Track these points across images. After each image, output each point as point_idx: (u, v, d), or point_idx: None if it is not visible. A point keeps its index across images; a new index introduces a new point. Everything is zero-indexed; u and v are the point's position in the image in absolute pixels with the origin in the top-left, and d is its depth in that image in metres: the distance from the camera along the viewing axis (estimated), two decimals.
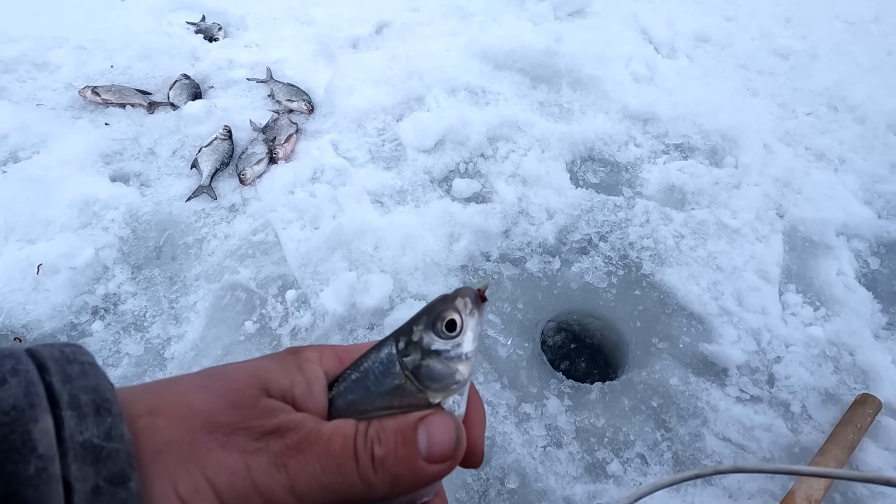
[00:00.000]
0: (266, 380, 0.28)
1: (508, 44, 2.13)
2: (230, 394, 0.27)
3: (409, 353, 0.29)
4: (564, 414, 1.25)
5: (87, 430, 0.23)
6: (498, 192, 1.71)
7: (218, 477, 0.25)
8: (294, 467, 0.26)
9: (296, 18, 2.43)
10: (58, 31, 2.14)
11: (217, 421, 0.26)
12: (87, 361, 0.26)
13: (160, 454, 0.25)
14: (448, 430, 0.28)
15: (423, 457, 0.27)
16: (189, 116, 1.82)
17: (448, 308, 0.30)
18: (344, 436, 0.27)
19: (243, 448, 0.26)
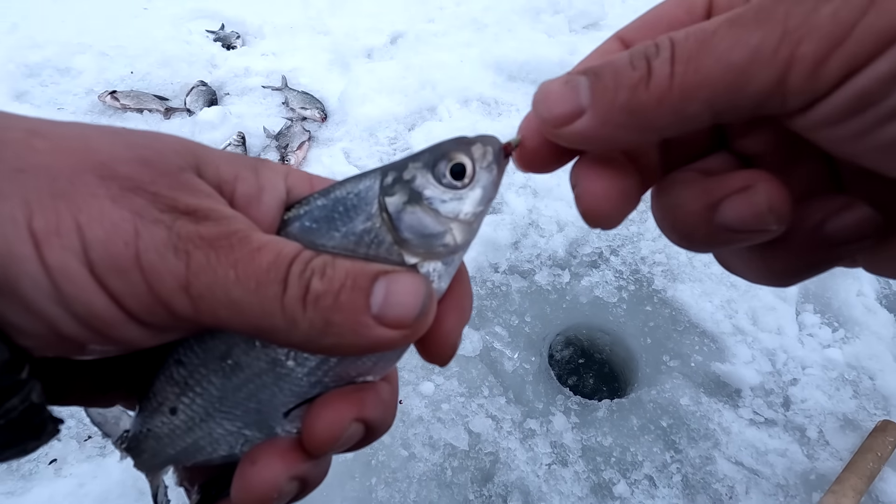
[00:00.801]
0: (200, 157, 0.21)
1: (522, 55, 2.13)
2: (145, 149, 0.20)
3: (394, 192, 0.22)
4: (571, 431, 1.22)
5: None
6: (508, 203, 1.69)
7: (92, 227, 0.18)
8: (198, 260, 0.19)
9: (312, 28, 2.47)
10: (82, 37, 2.19)
11: (116, 170, 0.19)
12: None
13: (22, 173, 0.18)
14: (414, 293, 0.21)
15: (373, 313, 0.20)
16: (204, 122, 1.85)
17: (460, 150, 0.23)
18: (278, 252, 0.20)
19: (140, 211, 0.19)
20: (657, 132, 0.20)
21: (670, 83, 0.19)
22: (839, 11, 0.16)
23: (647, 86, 0.19)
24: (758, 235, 0.22)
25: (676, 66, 0.19)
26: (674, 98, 0.19)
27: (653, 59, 0.19)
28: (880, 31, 0.16)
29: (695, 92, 0.18)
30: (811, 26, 0.17)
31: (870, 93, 0.17)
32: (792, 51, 0.17)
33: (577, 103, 0.21)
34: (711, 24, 0.19)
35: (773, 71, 0.17)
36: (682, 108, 0.19)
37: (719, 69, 0.18)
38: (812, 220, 0.22)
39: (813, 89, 0.17)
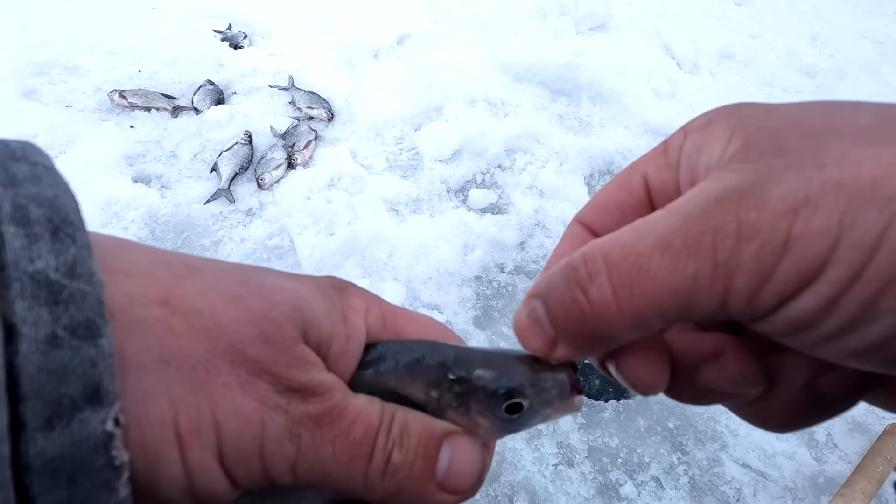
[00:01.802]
0: (308, 319, 0.22)
1: (529, 56, 2.13)
2: (265, 323, 0.21)
3: (452, 391, 0.24)
4: (577, 432, 1.21)
5: (39, 259, 0.16)
6: (514, 203, 1.69)
7: (228, 423, 0.19)
8: (306, 442, 0.21)
9: (319, 28, 2.48)
10: (91, 36, 2.20)
11: (243, 351, 0.20)
12: (41, 163, 0.18)
13: (167, 366, 0.19)
14: (473, 461, 0.23)
15: (438, 480, 0.22)
16: (211, 121, 1.85)
17: (523, 387, 0.24)
18: (367, 424, 0.22)
19: (264, 399, 0.20)
20: (625, 341, 0.22)
21: (617, 307, 0.20)
22: (759, 252, 0.18)
23: (593, 312, 0.20)
24: (740, 397, 0.23)
25: (618, 291, 0.20)
26: (626, 317, 0.20)
27: (588, 286, 0.20)
28: (798, 274, 0.17)
29: (645, 310, 0.20)
30: (738, 263, 0.18)
31: (802, 321, 0.18)
32: (726, 283, 0.18)
33: (547, 335, 0.22)
34: (644, 243, 0.20)
35: (714, 297, 0.19)
36: (638, 324, 0.20)
37: (664, 293, 0.19)
38: (803, 377, 0.22)
39: (753, 314, 0.19)
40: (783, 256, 0.17)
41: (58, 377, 0.16)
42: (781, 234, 0.17)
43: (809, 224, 0.17)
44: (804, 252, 0.17)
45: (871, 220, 0.16)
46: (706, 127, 0.22)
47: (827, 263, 0.17)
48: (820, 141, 0.18)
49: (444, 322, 1.42)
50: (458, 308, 1.42)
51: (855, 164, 0.17)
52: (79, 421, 0.16)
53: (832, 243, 0.17)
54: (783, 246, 0.17)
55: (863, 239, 0.16)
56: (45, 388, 0.16)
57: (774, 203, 0.18)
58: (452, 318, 1.39)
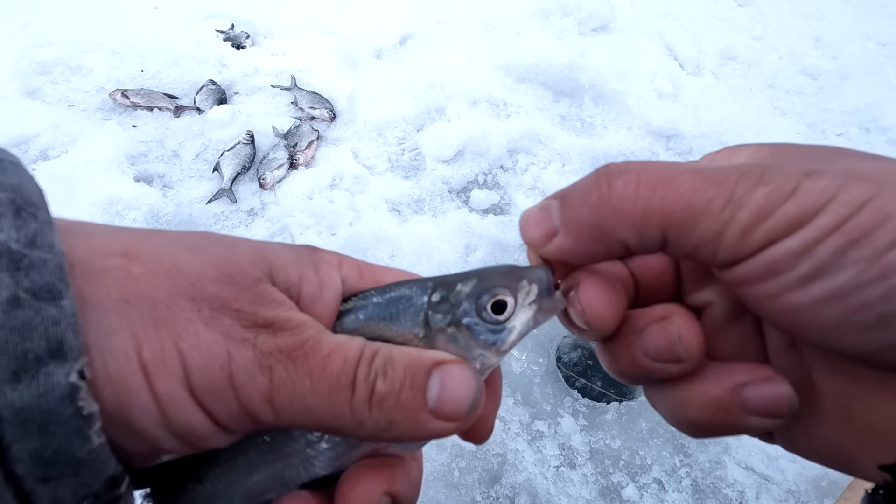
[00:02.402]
0: (272, 264, 0.23)
1: (531, 57, 2.13)
2: (226, 265, 0.22)
3: (438, 311, 0.24)
4: (579, 433, 1.21)
5: (1, 233, 0.18)
6: (516, 204, 1.69)
7: (192, 354, 0.20)
8: (280, 375, 0.21)
9: (322, 29, 2.48)
10: (93, 35, 2.21)
11: (204, 290, 0.21)
12: (8, 160, 0.20)
13: (128, 304, 0.20)
14: (466, 387, 0.23)
15: (430, 408, 0.22)
16: (213, 121, 1.85)
17: (506, 285, 0.24)
18: (345, 357, 0.22)
19: (228, 332, 0.21)
20: (620, 245, 0.23)
21: (634, 202, 0.22)
22: (770, 194, 0.21)
23: (610, 199, 0.22)
24: (671, 366, 0.24)
25: (641, 188, 0.22)
26: (636, 214, 0.22)
27: (614, 179, 0.23)
28: (794, 216, 0.20)
29: (654, 215, 0.22)
30: (749, 199, 0.21)
31: (779, 263, 0.21)
32: (733, 214, 0.21)
33: (550, 225, 0.24)
34: (677, 166, 0.22)
35: (717, 224, 0.21)
36: (641, 227, 0.22)
37: (679, 205, 0.22)
38: (734, 381, 0.23)
39: (739, 249, 0.21)
40: (787, 200, 0.20)
41: (20, 334, 0.17)
42: (792, 185, 0.21)
43: (816, 183, 0.20)
44: (804, 200, 0.20)
45: (863, 189, 0.20)
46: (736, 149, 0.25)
47: (818, 212, 0.20)
48: (834, 156, 0.22)
49: None
50: None
51: (859, 164, 0.21)
52: (44, 374, 0.18)
53: (829, 198, 0.20)
54: (790, 193, 0.21)
55: (852, 199, 0.20)
56: (9, 343, 0.17)
57: (793, 168, 0.21)
58: None
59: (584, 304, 0.24)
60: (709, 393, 0.24)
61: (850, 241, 0.20)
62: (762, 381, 0.23)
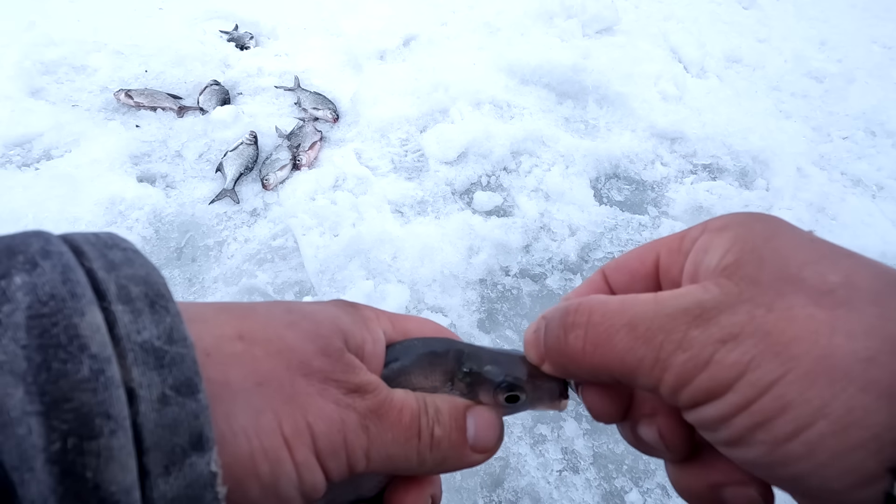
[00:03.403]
0: (345, 331, 0.27)
1: (535, 59, 2.12)
2: (319, 339, 0.26)
3: (464, 380, 0.30)
4: (582, 438, 1.20)
5: (144, 330, 0.19)
6: (520, 206, 1.68)
7: (317, 424, 0.24)
8: (374, 432, 0.25)
9: (325, 30, 2.48)
10: (97, 35, 2.21)
11: (311, 365, 0.25)
12: (129, 248, 0.22)
13: (262, 387, 0.23)
14: (494, 426, 0.29)
15: (470, 445, 0.28)
16: (217, 121, 1.85)
17: (522, 386, 0.30)
18: (411, 411, 0.27)
19: (337, 400, 0.25)
20: (589, 379, 0.28)
21: (582, 356, 0.26)
22: (687, 362, 0.23)
23: (567, 352, 0.27)
24: (662, 454, 0.28)
25: (587, 345, 0.26)
26: (587, 366, 0.26)
27: (569, 331, 0.27)
28: (708, 389, 0.22)
29: (599, 367, 0.26)
30: (671, 364, 0.23)
31: (706, 423, 0.23)
32: (660, 374, 0.24)
33: (541, 351, 0.29)
34: (620, 318, 0.25)
35: (650, 381, 0.24)
36: (595, 374, 0.26)
37: (616, 362, 0.25)
38: (715, 479, 0.26)
39: (675, 403, 0.24)
40: (701, 372, 0.22)
41: (170, 430, 0.19)
42: (706, 355, 0.22)
43: (728, 356, 0.22)
44: (716, 375, 0.22)
45: (771, 368, 0.21)
46: (719, 231, 0.26)
47: (729, 389, 0.22)
48: (785, 287, 0.23)
49: (448, 325, 1.40)
50: (463, 311, 1.41)
51: (789, 319, 0.22)
52: (189, 465, 0.20)
53: (737, 376, 0.22)
54: (704, 364, 0.22)
55: (758, 380, 0.21)
56: (162, 440, 0.19)
57: (715, 330, 0.23)
58: (457, 320, 1.38)
59: (589, 401, 0.29)
60: (689, 484, 0.27)
61: (755, 423, 0.21)
62: (737, 484, 0.26)
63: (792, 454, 0.21)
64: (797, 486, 0.22)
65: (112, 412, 0.18)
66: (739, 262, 0.24)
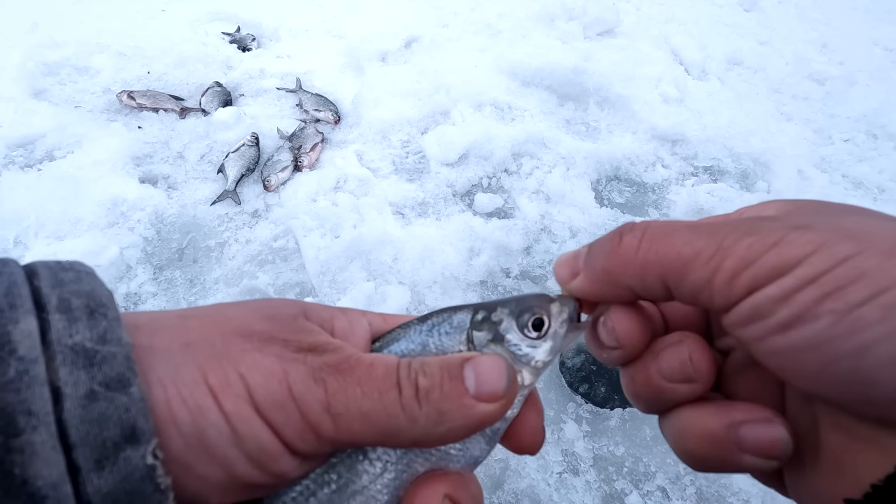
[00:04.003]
0: (305, 307, 0.27)
1: (536, 61, 2.12)
2: (266, 308, 0.26)
3: (481, 329, 0.27)
4: (582, 440, 1.20)
5: (77, 334, 0.20)
6: (520, 208, 1.68)
7: (252, 375, 0.23)
8: (333, 385, 0.24)
9: (327, 31, 2.48)
10: (100, 37, 2.22)
11: (251, 328, 0.24)
12: (84, 270, 0.23)
13: (189, 346, 0.23)
14: (497, 369, 0.25)
15: (472, 394, 0.25)
16: (219, 123, 1.86)
17: (542, 306, 0.28)
18: (386, 364, 0.25)
19: (280, 355, 0.24)
20: (626, 289, 0.27)
21: (636, 253, 0.26)
22: (753, 244, 0.23)
23: (619, 250, 0.26)
24: (683, 386, 0.26)
25: (644, 242, 0.26)
26: (637, 265, 0.26)
27: (626, 233, 0.26)
28: (775, 265, 0.22)
29: (652, 266, 0.25)
30: (735, 248, 0.23)
31: (761, 308, 0.23)
32: (719, 262, 0.23)
33: (576, 267, 0.29)
34: (680, 223, 0.26)
35: (706, 272, 0.24)
36: (642, 275, 0.26)
37: (671, 256, 0.25)
38: (732, 418, 0.25)
39: (728, 295, 0.23)
40: (769, 250, 0.22)
41: (99, 425, 0.19)
42: (776, 236, 0.22)
43: (801, 236, 0.22)
44: (786, 251, 0.22)
45: (846, 246, 0.21)
46: (768, 204, 0.27)
47: (799, 263, 0.22)
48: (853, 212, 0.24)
49: None
50: None
51: (860, 222, 0.22)
52: (123, 459, 0.20)
53: (810, 251, 0.22)
54: (773, 244, 0.22)
55: (834, 254, 0.21)
56: (90, 435, 0.19)
57: (786, 221, 0.23)
58: None
59: (615, 322, 0.28)
60: (706, 426, 0.26)
61: (825, 293, 0.21)
62: (760, 421, 0.25)
63: (864, 319, 0.20)
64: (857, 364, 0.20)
65: (34, 409, 0.18)
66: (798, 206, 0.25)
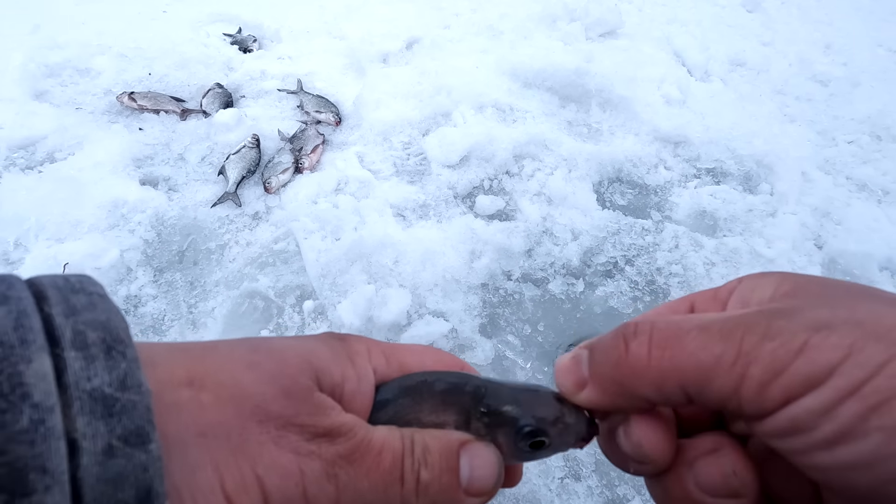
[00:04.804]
0: (318, 368, 0.25)
1: (538, 62, 2.11)
2: (282, 379, 0.24)
3: (481, 421, 0.27)
4: None
5: (95, 377, 0.19)
6: (522, 210, 1.68)
7: (269, 477, 0.22)
8: (343, 480, 0.23)
9: (328, 33, 2.48)
10: (102, 39, 2.22)
11: (269, 410, 0.23)
12: (95, 292, 0.21)
13: (205, 438, 0.21)
14: (491, 465, 0.26)
15: (463, 488, 0.25)
16: (219, 124, 1.85)
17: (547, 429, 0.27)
18: (393, 453, 0.24)
19: (296, 449, 0.23)
20: (643, 400, 0.24)
21: (647, 362, 0.23)
22: (777, 351, 0.21)
23: (628, 360, 0.24)
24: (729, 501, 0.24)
25: (654, 349, 0.23)
26: (652, 375, 0.23)
27: (630, 340, 0.24)
28: (808, 375, 0.20)
29: (669, 374, 0.23)
30: (758, 354, 0.21)
31: (801, 421, 0.20)
32: (744, 370, 0.21)
33: (581, 376, 0.26)
34: (686, 323, 0.23)
35: (731, 380, 0.21)
36: (660, 385, 0.23)
37: (690, 364, 0.22)
38: None
39: (760, 404, 0.21)
40: (797, 358, 0.20)
41: (114, 485, 0.18)
42: (800, 341, 0.20)
43: (826, 340, 0.20)
44: (816, 359, 0.20)
45: (878, 350, 0.19)
46: (762, 276, 0.25)
47: (832, 373, 0.20)
48: (859, 298, 0.22)
49: (449, 329, 1.39)
50: (464, 316, 1.40)
51: (879, 314, 0.21)
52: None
53: (841, 357, 0.20)
54: (799, 350, 0.20)
55: (867, 360, 0.19)
56: (104, 496, 0.18)
57: (802, 320, 0.21)
58: (458, 325, 1.38)
59: (641, 435, 0.25)
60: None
61: (869, 407, 0.19)
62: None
63: None
64: None
65: (49, 466, 0.17)
66: (799, 287, 0.23)
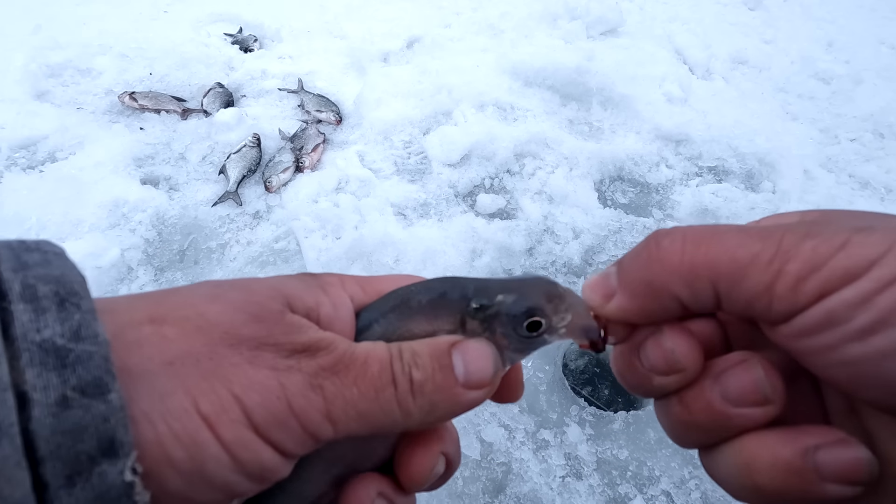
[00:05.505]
0: (288, 295, 0.25)
1: (539, 61, 2.11)
2: (249, 306, 0.23)
3: (476, 317, 0.26)
4: (585, 443, 1.19)
5: (46, 328, 0.18)
6: (523, 208, 1.67)
7: (248, 395, 0.21)
8: (330, 390, 0.22)
9: (329, 32, 2.48)
10: (103, 39, 2.22)
11: (239, 334, 0.22)
12: (52, 251, 0.20)
13: (172, 365, 0.20)
14: (485, 356, 0.25)
15: (461, 383, 0.24)
16: (220, 124, 1.85)
17: (543, 309, 0.26)
18: (380, 360, 0.24)
19: (273, 365, 0.22)
20: (673, 298, 0.24)
21: (681, 256, 0.23)
22: (818, 246, 0.21)
23: (659, 255, 0.24)
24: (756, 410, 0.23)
25: (687, 244, 0.23)
26: (684, 269, 0.23)
27: (662, 238, 0.24)
28: (848, 268, 0.20)
29: (701, 269, 0.23)
30: (798, 251, 0.21)
31: (836, 314, 0.20)
32: (781, 266, 0.21)
33: (609, 287, 0.26)
34: (721, 226, 0.23)
35: (766, 276, 0.21)
36: (691, 281, 0.23)
37: (725, 258, 0.22)
38: (805, 443, 0.22)
39: (793, 301, 0.21)
40: (837, 253, 0.20)
41: (72, 436, 0.17)
42: (842, 238, 0.21)
43: (867, 237, 0.20)
44: (857, 252, 0.20)
45: None
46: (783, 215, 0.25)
47: (873, 264, 0.20)
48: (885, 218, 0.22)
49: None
50: None
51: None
52: (98, 475, 0.17)
53: (883, 251, 0.20)
54: (840, 246, 0.21)
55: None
56: (62, 448, 0.17)
57: (841, 223, 0.21)
58: None
59: (674, 342, 0.25)
60: (778, 455, 0.22)
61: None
62: (836, 443, 0.22)
63: None
64: None
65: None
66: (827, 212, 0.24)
